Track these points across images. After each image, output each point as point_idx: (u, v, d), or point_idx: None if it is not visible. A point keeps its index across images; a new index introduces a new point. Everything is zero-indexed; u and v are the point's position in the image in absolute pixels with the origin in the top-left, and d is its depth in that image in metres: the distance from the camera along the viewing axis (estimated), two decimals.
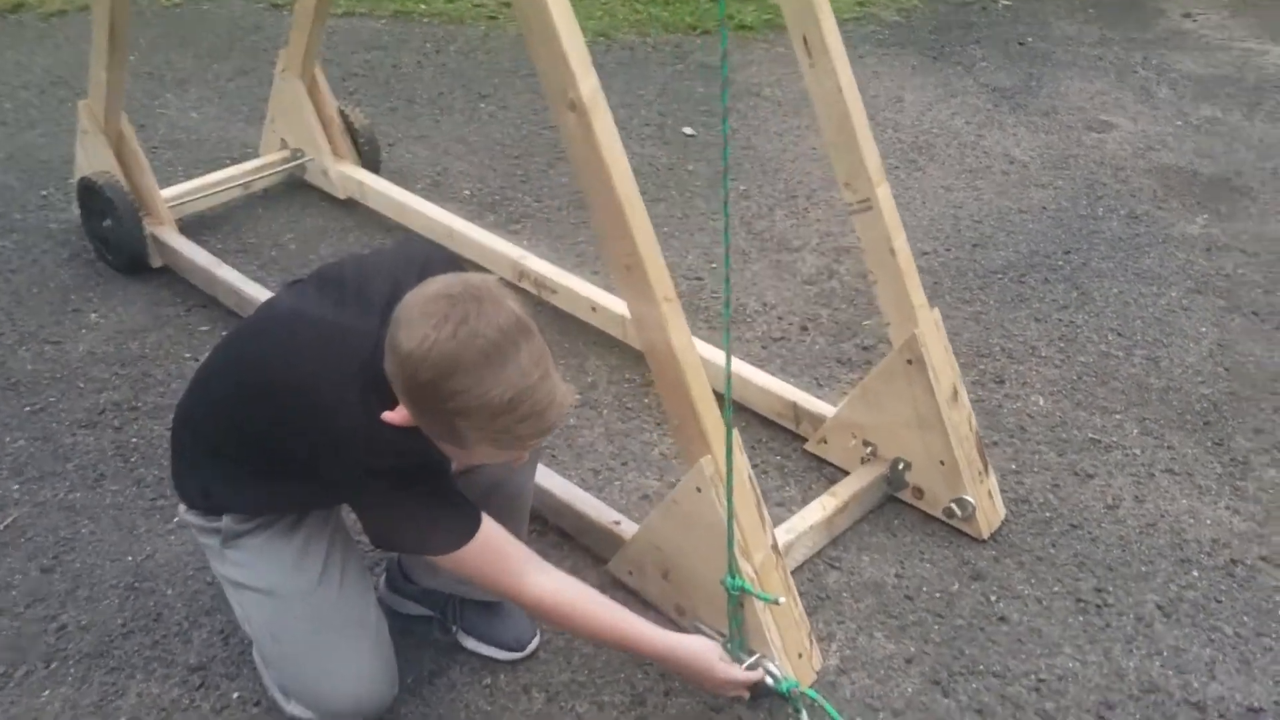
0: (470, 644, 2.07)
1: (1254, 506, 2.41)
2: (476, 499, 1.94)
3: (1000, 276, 3.19)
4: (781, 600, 1.89)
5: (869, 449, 2.40)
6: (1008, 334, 2.96)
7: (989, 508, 2.33)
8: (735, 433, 1.88)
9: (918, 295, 2.24)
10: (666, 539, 2.05)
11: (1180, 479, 2.49)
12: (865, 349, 2.90)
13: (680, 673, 1.91)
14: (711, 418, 1.92)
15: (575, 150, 1.84)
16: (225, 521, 1.79)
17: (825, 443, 2.50)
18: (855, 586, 2.22)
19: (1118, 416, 2.67)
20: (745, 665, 1.96)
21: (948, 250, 3.29)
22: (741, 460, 1.94)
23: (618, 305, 2.86)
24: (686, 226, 3.41)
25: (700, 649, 1.87)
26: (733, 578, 1.93)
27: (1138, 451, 2.56)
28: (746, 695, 1.92)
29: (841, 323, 3.00)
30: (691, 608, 2.07)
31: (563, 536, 2.31)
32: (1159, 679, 2.03)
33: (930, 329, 2.26)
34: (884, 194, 2.18)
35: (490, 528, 1.72)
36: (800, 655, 2.01)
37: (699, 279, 3.16)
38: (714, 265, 3.23)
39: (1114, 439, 2.60)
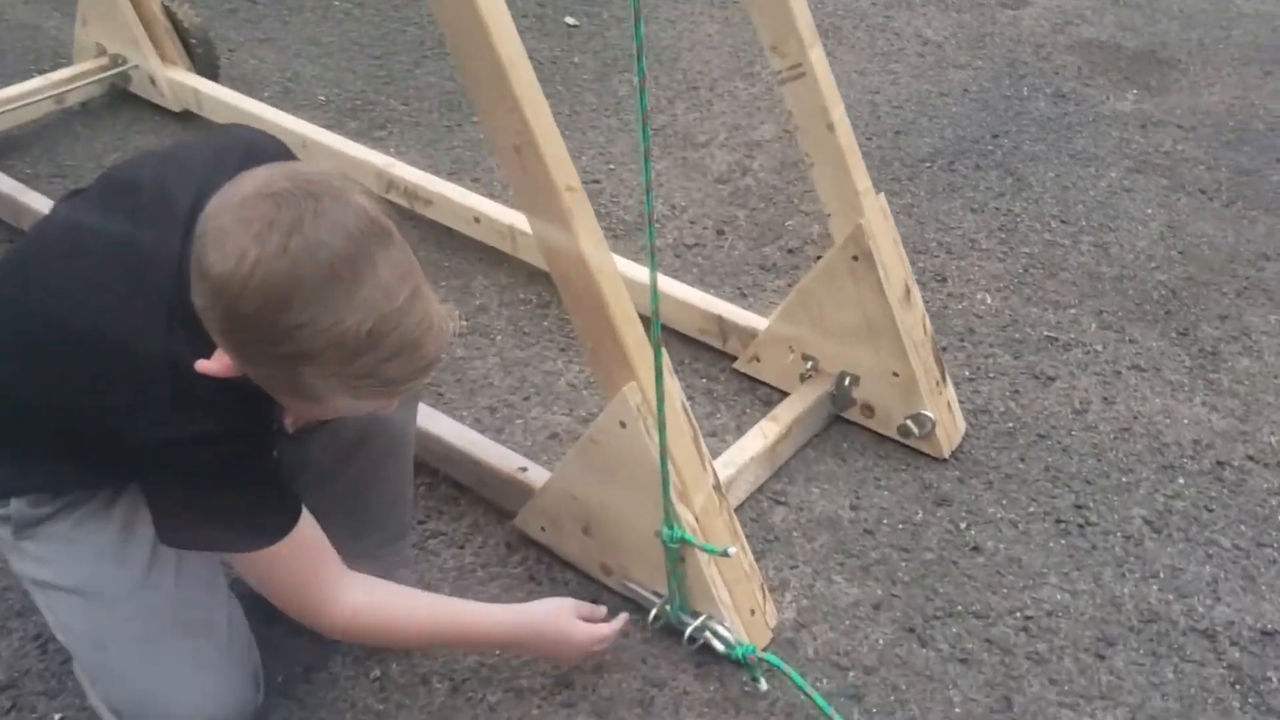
0: None
1: (1231, 401, 2.16)
2: (343, 453, 1.57)
3: (928, 165, 2.88)
4: (731, 551, 1.56)
5: (809, 364, 2.08)
6: (944, 227, 2.65)
7: (949, 422, 2.03)
8: (664, 354, 1.52)
9: (861, 178, 1.90)
10: (585, 486, 1.70)
11: (1149, 376, 2.23)
12: (790, 252, 2.57)
13: (537, 650, 1.60)
14: (634, 335, 1.57)
15: (444, 10, 1.44)
16: (15, 506, 1.38)
17: (758, 360, 2.16)
18: (806, 524, 1.91)
19: (1072, 311, 2.40)
20: (690, 629, 1.63)
21: (869, 139, 2.97)
22: (674, 386, 1.59)
23: (504, 214, 2.46)
24: (576, 124, 3.02)
25: (549, 614, 1.55)
26: (670, 528, 1.59)
27: (1099, 348, 2.29)
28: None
29: (762, 224, 2.66)
30: (620, 566, 1.73)
31: (458, 489, 1.95)
32: (1158, 605, 1.77)
33: (878, 218, 1.93)
34: (818, 58, 1.83)
35: (308, 526, 1.35)
36: (753, 612, 1.69)
37: (596, 182, 2.78)
38: (611, 167, 2.85)
39: (1071, 336, 2.33)
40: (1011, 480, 1.99)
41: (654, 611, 1.67)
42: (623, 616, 1.63)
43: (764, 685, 1.63)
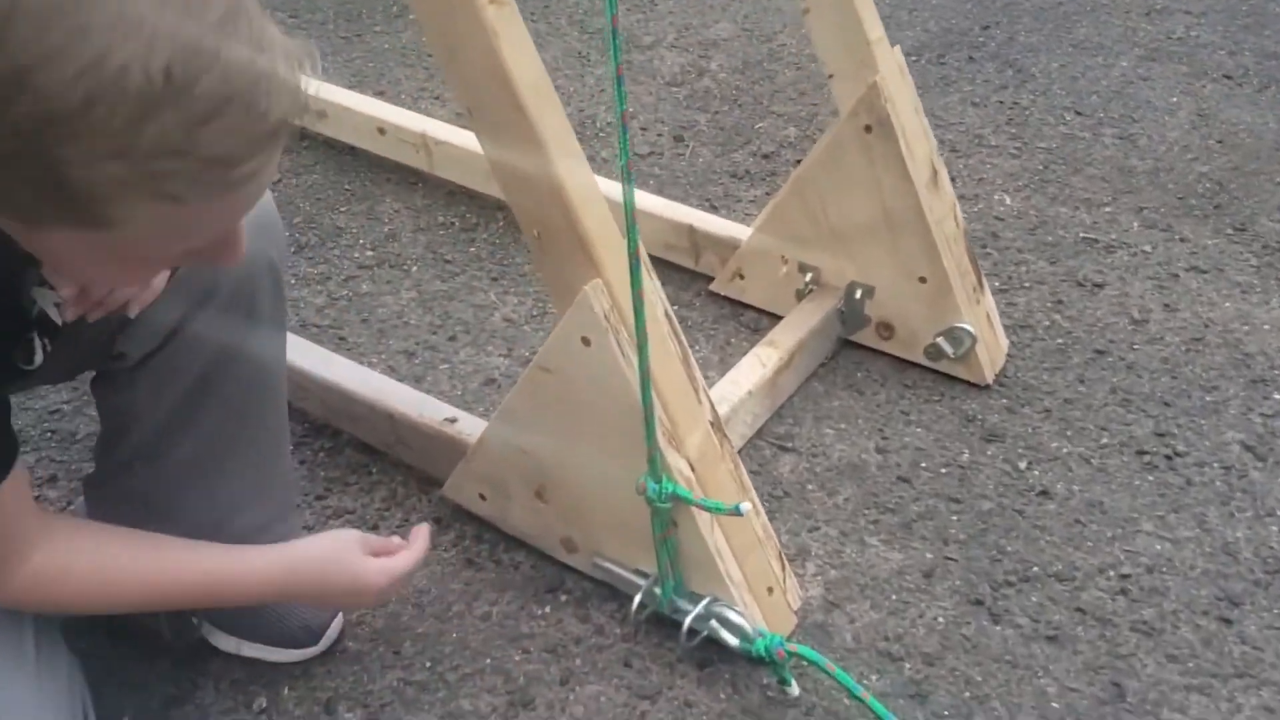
0: (228, 644, 1.24)
1: None
2: (185, 401, 1.11)
3: (915, 59, 2.46)
4: (744, 508, 1.12)
5: (808, 276, 1.65)
6: (943, 123, 2.23)
7: (990, 339, 1.61)
8: (642, 248, 1.08)
9: (874, 25, 1.47)
10: (536, 433, 1.25)
11: (1211, 278, 1.83)
12: (766, 158, 2.14)
13: (318, 597, 1.16)
14: (596, 215, 1.12)
15: None
16: None
17: (741, 278, 1.73)
18: (824, 474, 1.48)
19: (1107, 209, 1.99)
20: (689, 619, 1.19)
21: None
22: (654, 287, 1.15)
23: (416, 121, 2.00)
24: None
25: (327, 551, 1.12)
26: (657, 482, 1.15)
27: (1147, 249, 1.89)
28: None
29: (727, 129, 2.22)
30: (588, 539, 1.29)
31: (367, 454, 1.49)
32: None
33: (895, 76, 1.50)
34: None
35: (21, 476, 0.91)
36: (771, 590, 1.25)
37: None
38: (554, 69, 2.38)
39: (1113, 236, 1.92)
40: (1073, 406, 1.58)
41: (638, 598, 1.23)
42: (422, 533, 1.19)
43: (795, 689, 1.20)
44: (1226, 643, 1.26)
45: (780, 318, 1.65)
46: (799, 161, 1.95)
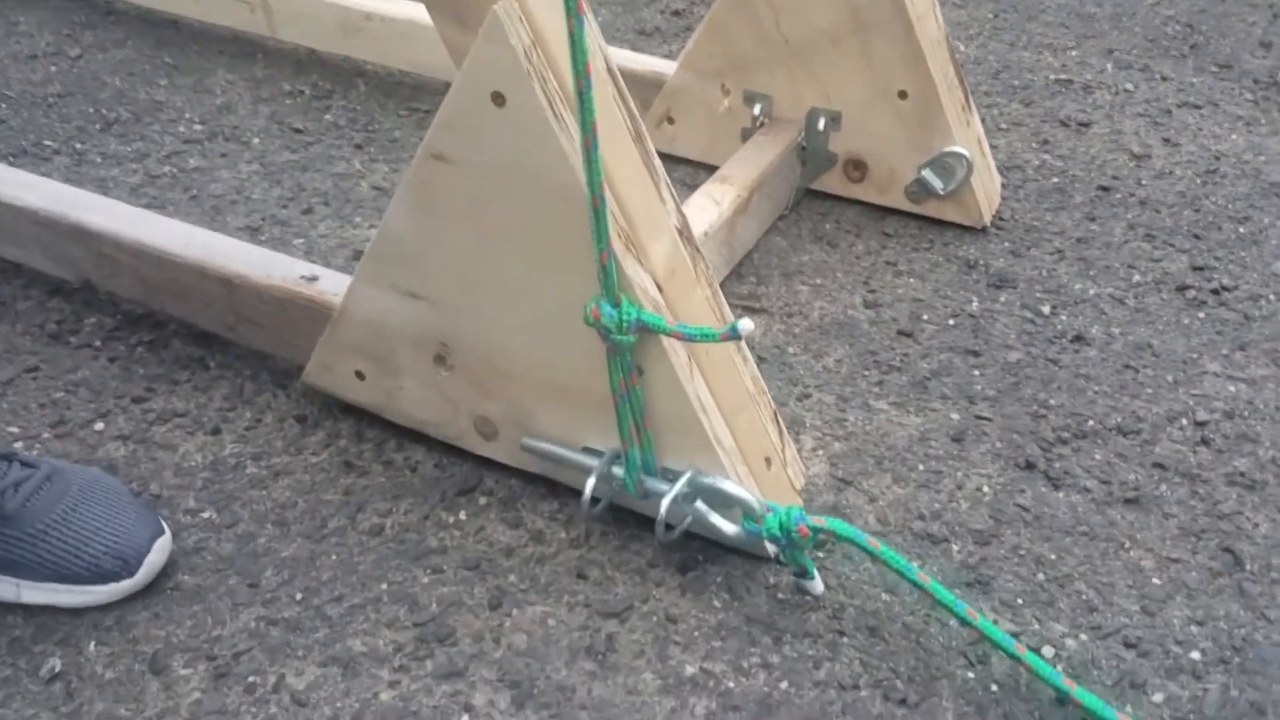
0: (1, 590, 0.85)
1: None
2: None
3: None
4: (744, 326, 0.79)
5: (756, 108, 1.32)
6: None
7: (984, 169, 1.31)
8: None
9: None
10: (430, 265, 0.89)
11: (1208, 112, 1.57)
12: (677, 14, 1.81)
13: None
14: None
15: None
16: None
17: (670, 123, 1.39)
18: (806, 335, 1.15)
19: (1074, 53, 1.73)
20: (665, 503, 0.85)
21: None
22: (594, 29, 0.80)
23: None
24: None
25: None
26: (613, 305, 0.80)
27: (1129, 87, 1.63)
28: None
29: None
30: (512, 416, 0.94)
31: (201, 345, 1.11)
32: None
33: None
34: None
35: None
36: (769, 463, 0.92)
37: None
38: None
39: (1087, 77, 1.65)
40: (1089, 246, 1.29)
41: (591, 483, 0.88)
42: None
43: (819, 583, 0.87)
44: None
45: (714, 168, 1.32)
46: None
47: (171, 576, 0.88)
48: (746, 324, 0.78)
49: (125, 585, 0.85)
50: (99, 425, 1.03)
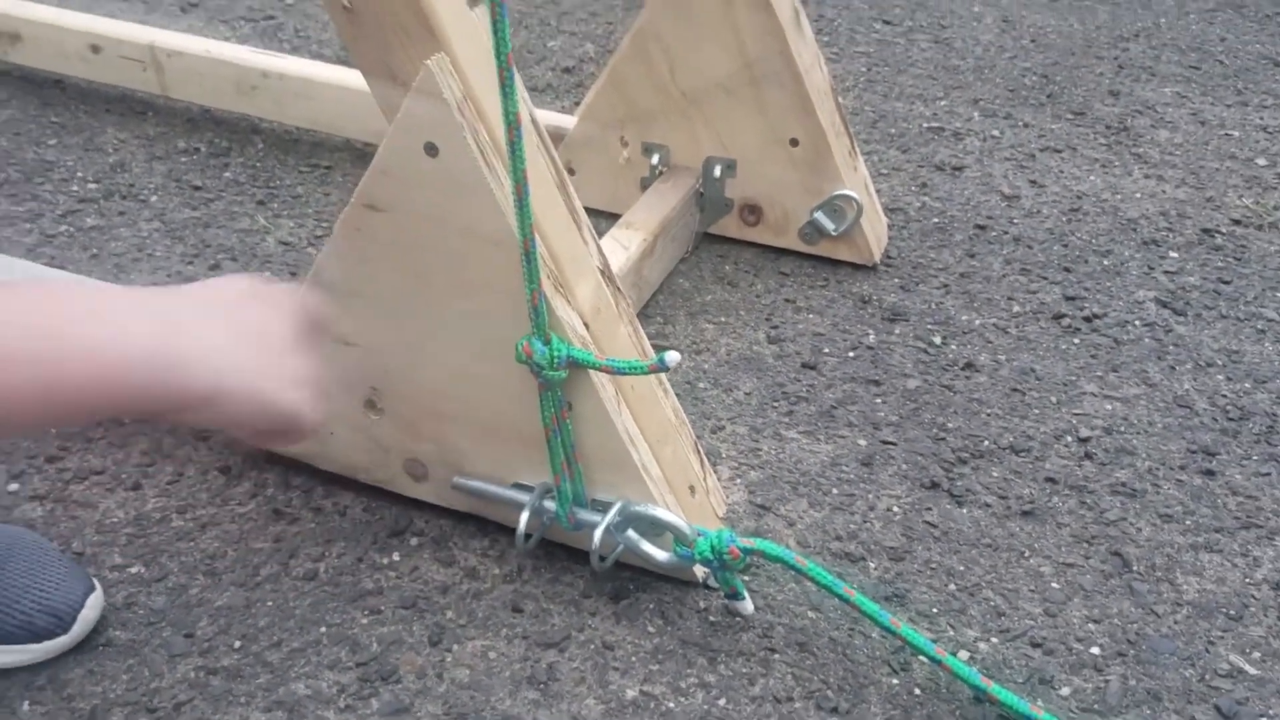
0: None
1: (1175, 171, 1.66)
2: None
3: None
4: (672, 358, 0.83)
5: (655, 158, 1.38)
6: None
7: (872, 212, 1.39)
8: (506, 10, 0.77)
9: None
10: (362, 311, 0.91)
11: (1068, 156, 1.69)
12: (567, 71, 1.87)
13: (177, 397, 0.65)
14: None
15: None
16: None
17: (571, 174, 1.44)
18: (715, 370, 1.20)
19: (943, 102, 1.84)
20: (598, 533, 0.88)
21: None
22: (521, 88, 0.84)
23: (139, 32, 1.61)
24: None
25: (220, 291, 0.73)
26: (544, 343, 0.84)
27: (996, 134, 1.74)
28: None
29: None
30: (442, 457, 0.96)
31: None
32: (1240, 398, 1.20)
33: None
34: None
35: None
36: (693, 491, 0.96)
37: (271, 18, 1.96)
38: (289, 1, 2.03)
39: (957, 125, 1.76)
40: (971, 280, 1.37)
41: (524, 519, 0.91)
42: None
43: (749, 604, 0.91)
44: (1217, 495, 1.07)
45: (618, 217, 1.37)
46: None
47: (103, 633, 0.87)
48: (674, 355, 0.83)
49: (60, 642, 0.84)
50: (13, 486, 1.01)
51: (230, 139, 1.58)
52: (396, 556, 0.96)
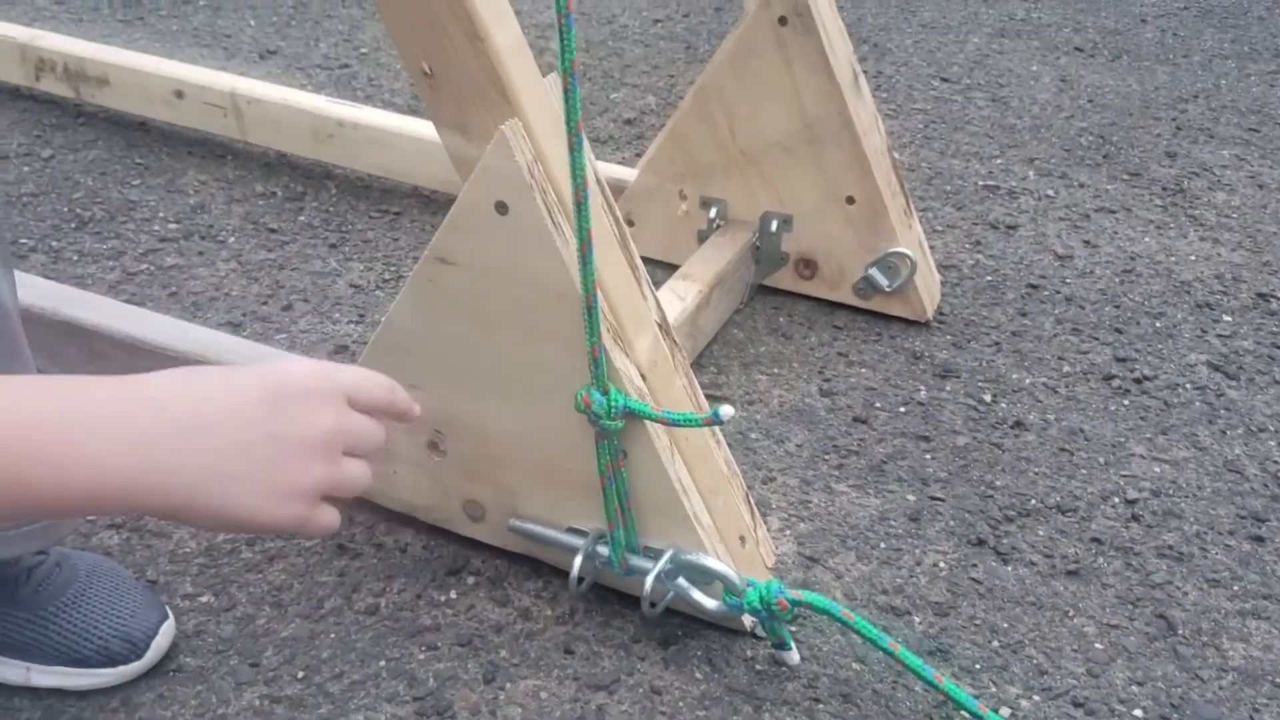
0: (9, 673, 0.88)
1: (1231, 234, 1.67)
2: None
3: None
4: (726, 411, 0.86)
5: (712, 212, 1.42)
6: None
7: (926, 268, 1.42)
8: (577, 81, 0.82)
9: None
10: (430, 358, 0.95)
11: (1122, 217, 1.70)
12: (629, 123, 1.92)
13: (187, 494, 0.65)
14: (508, 35, 0.85)
15: None
16: None
17: (630, 225, 1.48)
18: (767, 421, 1.23)
19: (998, 160, 1.86)
20: (650, 580, 0.91)
21: (685, 16, 2.38)
22: (588, 151, 0.88)
23: (221, 79, 1.68)
24: (307, 15, 2.26)
25: (266, 377, 0.71)
26: (603, 393, 0.87)
27: (1050, 193, 1.76)
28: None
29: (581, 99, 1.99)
30: (500, 499, 0.99)
31: None
32: None
33: None
34: None
35: None
36: (743, 541, 0.99)
37: (346, 66, 2.03)
38: (364, 51, 2.11)
39: (1012, 184, 1.78)
40: (1022, 339, 1.39)
41: (577, 563, 0.94)
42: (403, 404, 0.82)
43: (795, 654, 0.93)
44: (1265, 562, 1.07)
45: (676, 267, 1.41)
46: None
47: (174, 659, 0.92)
48: (727, 409, 0.86)
49: (133, 668, 0.88)
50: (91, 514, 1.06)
51: (305, 184, 1.64)
52: (454, 594, 0.99)
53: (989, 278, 1.52)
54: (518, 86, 0.84)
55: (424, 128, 1.57)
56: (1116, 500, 1.14)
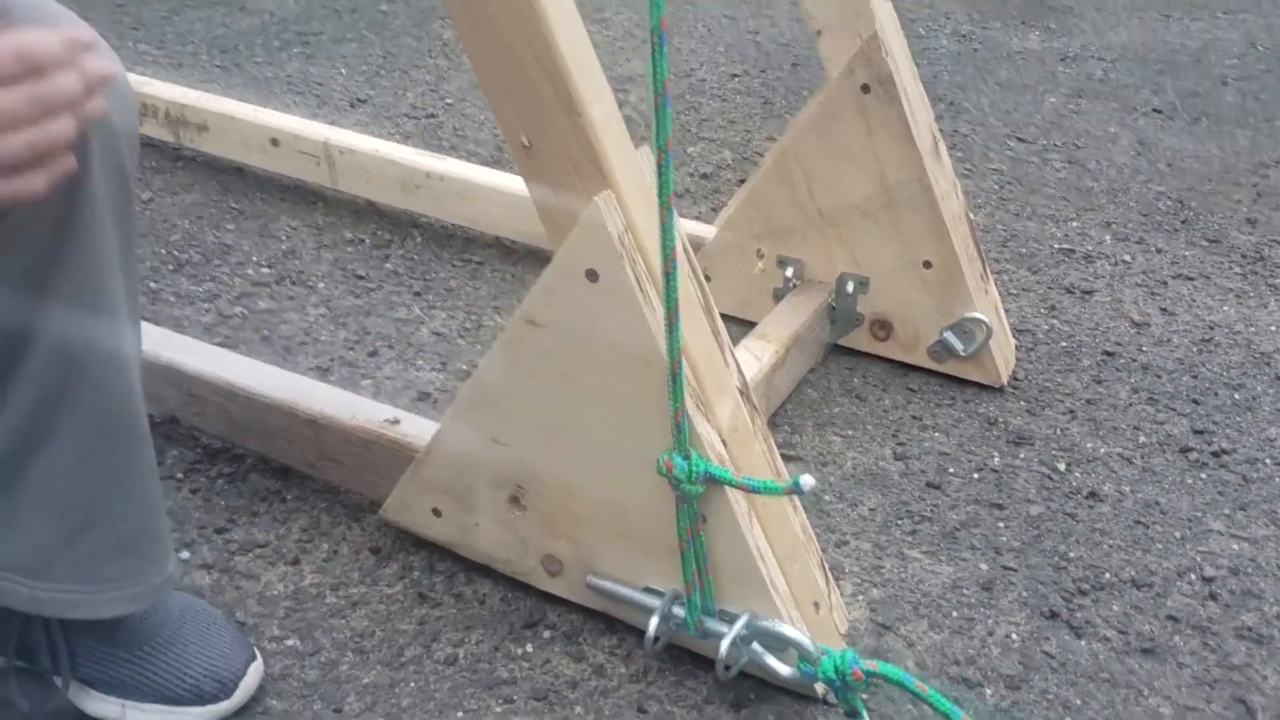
0: (107, 709, 0.92)
1: None
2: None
3: None
4: (806, 482, 0.87)
5: (789, 271, 1.44)
6: None
7: (1001, 333, 1.42)
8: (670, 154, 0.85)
9: None
10: (516, 415, 0.98)
11: (1200, 285, 1.69)
12: (705, 177, 1.94)
13: None
14: (603, 108, 0.88)
15: None
16: None
17: (708, 279, 1.50)
18: (840, 483, 1.24)
19: (1074, 224, 1.86)
20: (726, 645, 0.93)
21: (763, 72, 2.41)
22: (678, 222, 0.91)
23: (315, 129, 1.74)
24: (396, 64, 2.32)
25: None
26: (684, 458, 0.89)
27: (1127, 259, 1.75)
28: None
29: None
30: (578, 556, 1.02)
31: (279, 477, 1.19)
32: None
33: (894, 30, 1.33)
34: None
35: None
36: (818, 606, 1.00)
37: (433, 116, 2.09)
38: (449, 102, 2.16)
39: (1088, 247, 1.78)
40: (1097, 407, 1.39)
41: (654, 622, 0.96)
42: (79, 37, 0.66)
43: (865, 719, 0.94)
44: None
45: (753, 324, 1.43)
46: (742, 181, 1.77)
47: (260, 701, 0.95)
48: (808, 480, 0.87)
49: (222, 707, 0.91)
50: (184, 554, 1.10)
51: (392, 232, 1.69)
52: (530, 648, 1.01)
53: (1064, 343, 1.52)
54: (611, 159, 0.87)
55: (507, 181, 1.61)
56: (1193, 577, 1.13)
